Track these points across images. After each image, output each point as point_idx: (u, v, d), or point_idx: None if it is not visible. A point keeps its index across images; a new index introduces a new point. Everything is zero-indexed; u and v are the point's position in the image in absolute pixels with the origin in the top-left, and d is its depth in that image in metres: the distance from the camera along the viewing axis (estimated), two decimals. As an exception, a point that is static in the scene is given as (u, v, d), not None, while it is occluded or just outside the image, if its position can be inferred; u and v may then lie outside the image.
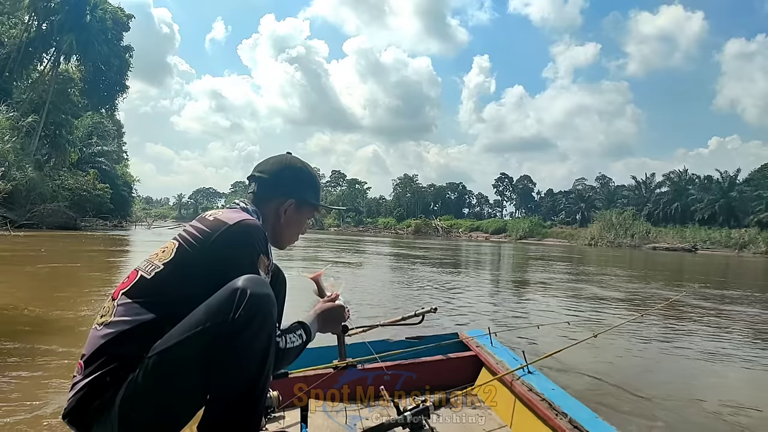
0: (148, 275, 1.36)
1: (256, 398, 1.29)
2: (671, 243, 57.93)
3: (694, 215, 67.03)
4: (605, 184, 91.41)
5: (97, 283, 7.72)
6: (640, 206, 75.19)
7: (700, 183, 71.31)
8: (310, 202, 1.67)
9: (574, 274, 14.85)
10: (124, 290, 1.36)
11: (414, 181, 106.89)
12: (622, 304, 8.51)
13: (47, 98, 30.38)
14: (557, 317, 6.19)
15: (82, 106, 37.48)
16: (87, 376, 1.25)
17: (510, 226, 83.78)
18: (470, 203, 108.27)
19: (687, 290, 11.09)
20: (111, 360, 1.25)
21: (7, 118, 25.95)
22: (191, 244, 1.38)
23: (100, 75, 35.45)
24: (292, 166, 1.66)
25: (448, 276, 12.23)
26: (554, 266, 18.27)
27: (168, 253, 1.39)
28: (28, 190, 24.69)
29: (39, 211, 24.92)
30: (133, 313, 1.30)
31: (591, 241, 65.22)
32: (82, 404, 1.23)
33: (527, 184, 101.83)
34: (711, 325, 6.54)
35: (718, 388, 4.02)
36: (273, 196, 1.61)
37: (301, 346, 1.48)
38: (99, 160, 40.74)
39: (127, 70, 37.95)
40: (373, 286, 9.29)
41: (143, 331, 1.27)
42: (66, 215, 27.10)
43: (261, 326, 1.24)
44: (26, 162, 25.66)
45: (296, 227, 1.69)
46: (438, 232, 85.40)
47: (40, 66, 34.11)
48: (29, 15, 31.04)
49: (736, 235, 55.78)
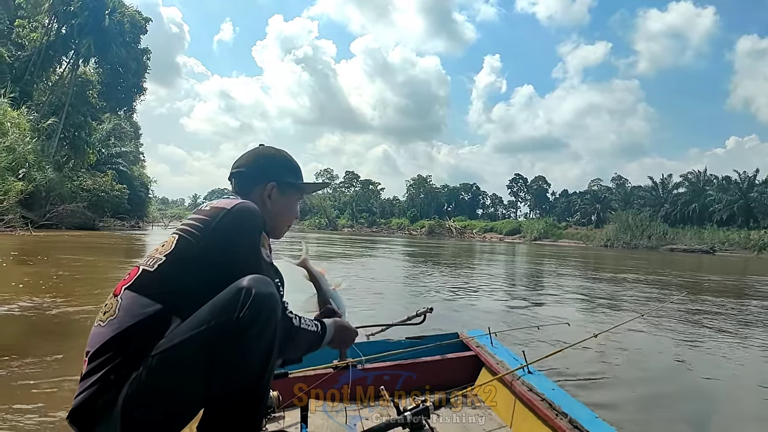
0: (151, 268, 1.36)
1: (258, 397, 1.30)
2: (689, 244, 57.07)
3: (712, 216, 65.78)
4: (621, 184, 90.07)
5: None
6: (656, 207, 74.02)
7: (718, 183, 69.99)
8: (292, 182, 1.67)
9: (585, 276, 14.73)
10: (126, 285, 1.36)
11: (428, 182, 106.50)
12: (626, 305, 8.45)
13: (66, 100, 30.74)
14: (561, 317, 6.18)
15: (101, 108, 37.82)
16: (92, 373, 1.25)
17: (524, 227, 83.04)
18: (484, 204, 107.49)
19: (688, 291, 10.96)
20: (116, 356, 1.25)
21: (28, 120, 26.32)
22: (192, 234, 1.38)
23: (118, 77, 36.04)
24: (266, 153, 1.68)
25: (458, 277, 12.21)
26: (566, 268, 18.12)
27: (169, 246, 1.40)
28: (47, 190, 24.94)
29: (58, 212, 25.15)
30: (139, 306, 1.30)
31: (606, 243, 64.46)
32: (87, 403, 1.23)
33: (542, 185, 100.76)
34: (712, 325, 6.53)
35: (718, 387, 4.01)
36: (253, 185, 1.61)
37: (314, 335, 1.50)
38: (117, 161, 41.20)
39: (145, 73, 38.49)
40: (383, 286, 9.31)
41: (149, 325, 1.28)
42: (85, 216, 27.42)
43: (265, 325, 1.25)
44: (46, 163, 25.92)
45: (286, 212, 1.68)
46: (452, 233, 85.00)
47: (59, 69, 34.60)
48: (49, 19, 31.54)
49: (756, 237, 54.64)
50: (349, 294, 7.24)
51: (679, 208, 70.92)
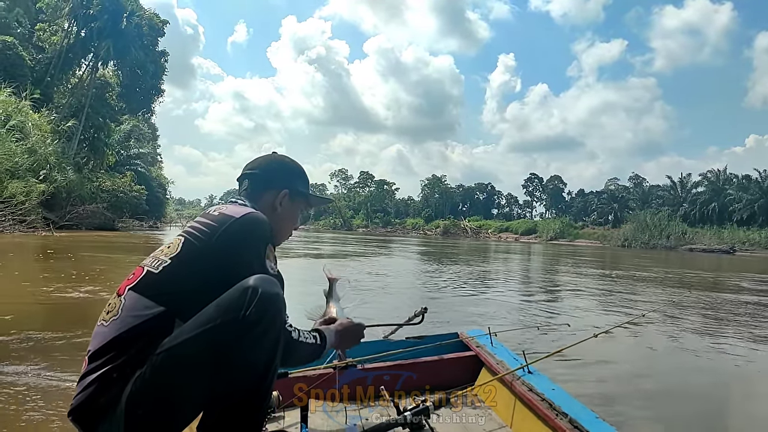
0: (155, 270, 1.36)
1: (261, 397, 1.32)
2: (708, 244, 56.06)
3: (732, 216, 64.57)
4: (639, 183, 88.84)
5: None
6: (675, 207, 72.89)
7: (738, 183, 68.65)
8: (303, 191, 1.70)
9: (594, 275, 14.60)
10: (130, 286, 1.36)
11: (442, 182, 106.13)
12: (631, 304, 8.38)
13: (86, 102, 31.20)
14: (562, 317, 6.18)
15: (120, 110, 38.32)
16: (93, 371, 1.25)
17: (540, 226, 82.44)
18: (499, 204, 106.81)
19: (691, 291, 10.81)
20: (118, 355, 1.25)
21: (49, 122, 26.78)
22: (198, 238, 1.39)
23: (137, 79, 36.46)
24: (281, 160, 1.71)
25: (469, 275, 12.18)
26: (577, 267, 17.95)
27: (174, 248, 1.40)
28: (68, 192, 25.36)
29: (78, 213, 25.53)
30: (143, 307, 1.30)
31: (624, 243, 63.64)
32: (88, 401, 1.24)
33: (557, 185, 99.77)
34: (713, 326, 6.47)
35: (718, 387, 3.97)
36: (266, 189, 1.63)
37: (313, 347, 1.51)
38: (135, 162, 41.84)
39: (163, 75, 38.94)
40: (395, 284, 9.34)
41: (152, 326, 1.28)
42: (104, 216, 27.78)
43: (271, 324, 1.26)
44: (67, 164, 26.34)
45: (291, 220, 1.70)
46: (467, 233, 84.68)
47: (79, 71, 35.12)
48: (69, 22, 32.05)
49: (776, 236, 53.64)
50: (359, 292, 7.28)
51: (699, 208, 69.77)
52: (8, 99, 22.85)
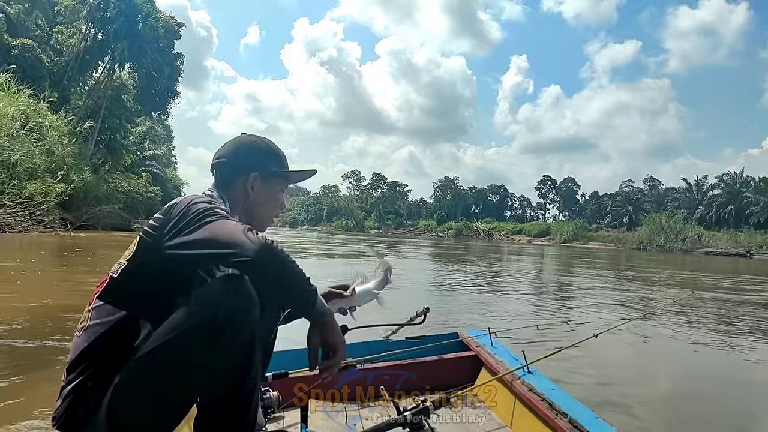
0: (115, 274, 1.34)
1: (244, 397, 1.30)
2: (725, 248, 55.30)
3: (749, 219, 63.67)
4: (654, 186, 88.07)
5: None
6: (691, 209, 72.10)
7: (755, 185, 67.58)
8: (275, 171, 1.60)
9: (602, 276, 14.50)
10: (97, 294, 1.34)
11: (454, 184, 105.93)
12: (634, 305, 8.34)
13: (102, 104, 31.56)
14: (563, 317, 6.17)
15: (136, 112, 38.65)
16: (69, 383, 1.25)
17: (553, 229, 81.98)
18: (512, 206, 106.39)
19: (692, 291, 10.70)
20: (90, 365, 1.25)
21: (66, 124, 27.13)
22: (149, 233, 1.34)
23: (152, 81, 36.76)
24: (247, 141, 1.60)
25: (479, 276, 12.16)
26: (589, 269, 17.82)
27: (131, 249, 1.37)
28: (85, 192, 25.55)
29: (95, 213, 25.70)
30: (106, 314, 1.29)
31: (639, 245, 63.00)
32: (68, 412, 1.24)
33: (571, 187, 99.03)
34: (713, 326, 6.41)
35: (718, 387, 3.95)
36: (235, 175, 1.55)
37: (304, 279, 1.27)
38: (151, 163, 42.31)
39: (178, 77, 39.30)
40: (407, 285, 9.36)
41: (118, 331, 1.27)
42: (120, 217, 27.92)
43: (242, 324, 1.23)
44: (83, 165, 26.62)
45: (270, 203, 1.61)
46: (479, 235, 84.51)
47: (95, 73, 35.43)
48: (86, 25, 32.49)
49: (794, 240, 52.74)
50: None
51: (715, 211, 68.93)
52: (27, 101, 23.18)
